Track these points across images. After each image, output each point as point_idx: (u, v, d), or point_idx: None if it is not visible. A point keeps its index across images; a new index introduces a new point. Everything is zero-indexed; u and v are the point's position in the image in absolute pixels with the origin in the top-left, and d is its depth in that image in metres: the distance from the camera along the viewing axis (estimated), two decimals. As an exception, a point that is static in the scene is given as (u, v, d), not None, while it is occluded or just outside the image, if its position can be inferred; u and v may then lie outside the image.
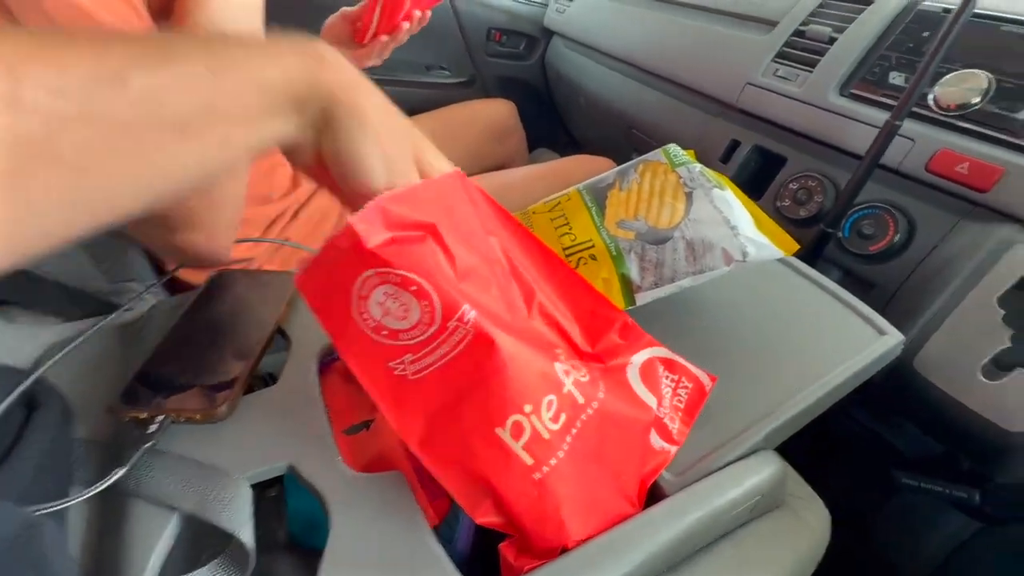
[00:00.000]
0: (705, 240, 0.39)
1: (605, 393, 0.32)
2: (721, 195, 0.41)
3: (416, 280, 0.24)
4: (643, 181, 0.45)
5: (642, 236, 0.41)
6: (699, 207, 0.41)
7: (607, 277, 0.41)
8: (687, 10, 0.86)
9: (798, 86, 0.66)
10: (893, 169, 0.57)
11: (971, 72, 0.53)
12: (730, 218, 0.40)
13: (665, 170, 0.45)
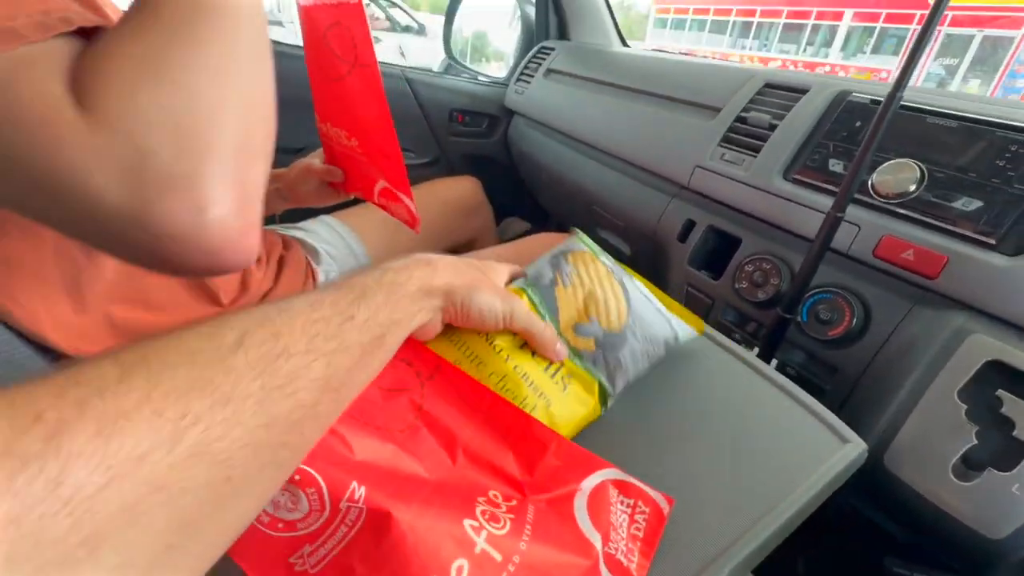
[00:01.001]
0: (649, 335, 0.40)
1: (530, 542, 0.30)
2: (639, 285, 0.42)
3: (302, 468, 0.24)
4: (580, 273, 0.43)
5: (600, 343, 0.40)
6: (635, 300, 0.41)
7: (589, 395, 0.40)
8: (636, 95, 0.89)
9: (744, 170, 0.68)
10: (843, 253, 0.58)
11: (904, 162, 0.54)
12: (659, 307, 0.41)
13: (591, 259, 0.43)
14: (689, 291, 0.74)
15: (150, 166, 0.23)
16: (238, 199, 0.25)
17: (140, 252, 0.24)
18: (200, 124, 0.24)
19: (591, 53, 1.07)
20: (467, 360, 0.37)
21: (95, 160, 0.22)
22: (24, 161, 0.22)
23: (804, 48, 15.16)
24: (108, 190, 0.22)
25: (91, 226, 0.23)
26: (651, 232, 0.81)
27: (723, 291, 0.69)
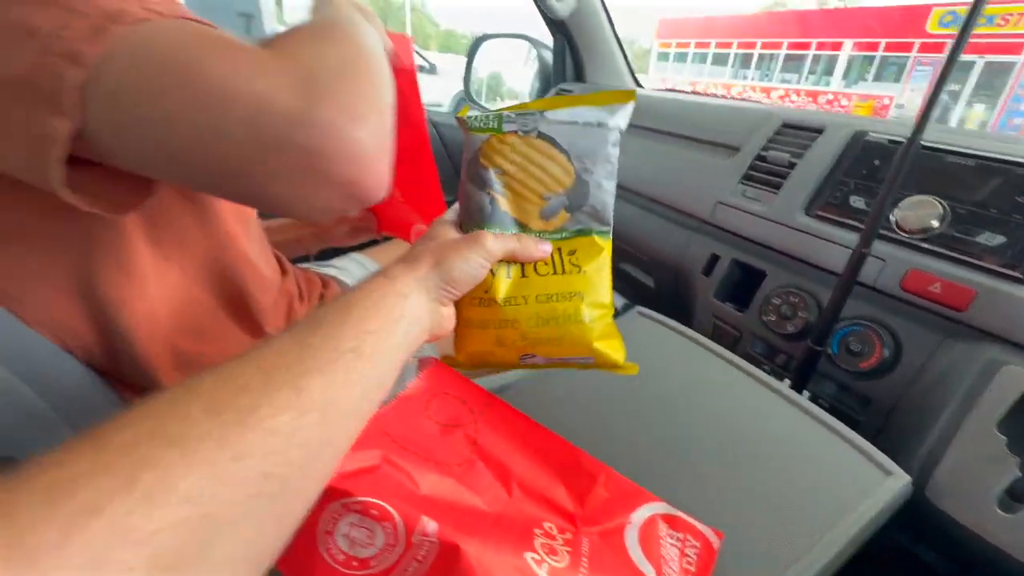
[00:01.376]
0: (595, 153, 0.36)
1: (588, 575, 0.31)
2: (552, 115, 0.35)
3: (376, 503, 0.26)
4: (504, 167, 0.36)
5: (569, 207, 0.37)
6: (561, 138, 0.35)
7: (599, 250, 0.37)
8: (655, 134, 0.93)
9: (766, 206, 0.70)
10: (870, 286, 0.59)
11: (926, 198, 0.56)
12: (583, 118, 0.35)
13: (499, 142, 0.36)
14: (716, 323, 0.76)
15: (317, 80, 0.27)
16: (379, 125, 0.29)
17: (290, 161, 0.26)
18: (353, 68, 0.30)
19: (609, 95, 1.12)
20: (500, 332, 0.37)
21: (272, 73, 0.26)
22: (204, 72, 0.26)
23: (806, 77, 15.43)
24: (279, 94, 0.26)
25: (249, 132, 0.26)
26: (675, 266, 0.84)
27: (750, 323, 0.70)
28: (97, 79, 0.24)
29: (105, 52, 0.24)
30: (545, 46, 1.37)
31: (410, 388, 0.36)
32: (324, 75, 0.28)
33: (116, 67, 0.25)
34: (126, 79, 0.25)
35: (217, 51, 0.26)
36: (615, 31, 1.24)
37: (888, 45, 13.44)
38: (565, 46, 1.25)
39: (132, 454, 0.17)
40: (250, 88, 0.26)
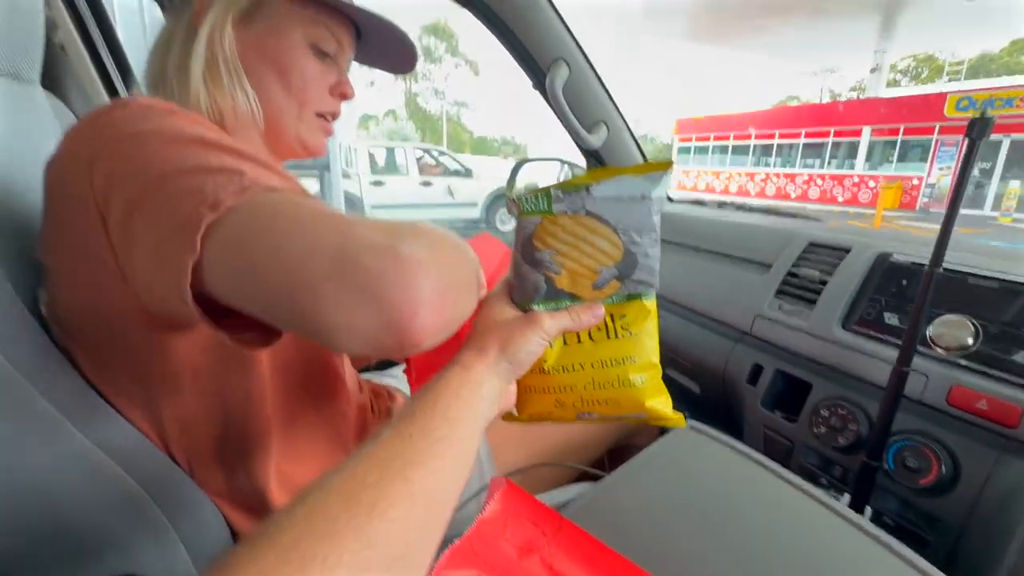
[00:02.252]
0: (640, 226, 0.38)
1: None
2: (596, 190, 0.38)
3: None
4: (557, 248, 0.39)
5: (619, 276, 0.39)
6: (611, 216, 0.38)
7: (646, 315, 0.40)
8: (692, 251, 1.01)
9: (804, 320, 0.75)
10: (917, 401, 0.61)
11: (957, 318, 0.60)
12: (625, 192, 0.37)
13: (551, 223, 0.39)
14: (767, 434, 0.77)
15: (402, 234, 0.29)
16: (446, 287, 0.30)
17: (353, 281, 0.28)
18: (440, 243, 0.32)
19: (642, 212, 1.23)
20: (559, 396, 0.40)
21: (365, 224, 0.29)
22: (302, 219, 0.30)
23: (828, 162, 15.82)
24: (370, 234, 0.29)
25: (333, 253, 0.28)
26: (720, 374, 0.87)
27: (802, 435, 0.72)
28: (223, 223, 0.29)
29: (237, 206, 0.30)
30: (579, 166, 1.53)
31: (487, 512, 0.41)
32: (410, 235, 0.30)
33: (239, 217, 0.30)
34: (242, 225, 0.30)
35: (318, 211, 0.30)
36: (643, 152, 1.38)
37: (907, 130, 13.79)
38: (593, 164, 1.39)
39: (297, 549, 0.22)
40: (340, 227, 0.29)
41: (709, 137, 18.97)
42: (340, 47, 0.56)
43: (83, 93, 0.82)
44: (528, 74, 1.21)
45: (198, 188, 0.30)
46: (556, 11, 1.11)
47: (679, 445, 0.64)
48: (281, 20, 0.53)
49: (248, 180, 0.31)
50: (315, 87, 0.55)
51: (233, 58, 0.51)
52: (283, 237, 0.29)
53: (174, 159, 0.32)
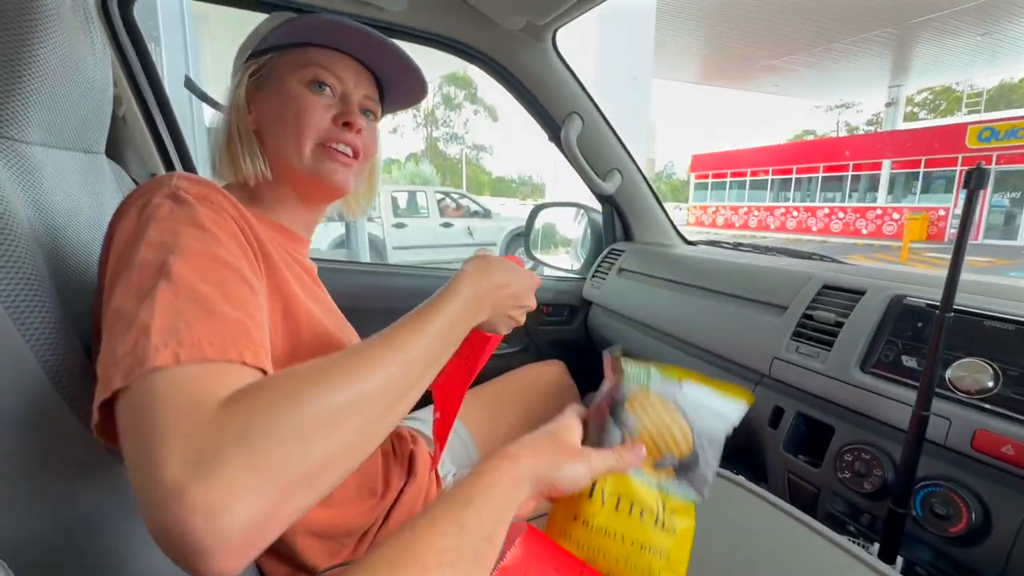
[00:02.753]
0: (714, 440, 0.44)
1: None
2: (688, 389, 0.45)
3: None
4: (641, 418, 0.45)
5: (678, 469, 0.44)
6: (694, 417, 0.44)
7: (688, 518, 0.43)
8: (705, 292, 1.03)
9: (822, 363, 0.75)
10: (941, 445, 0.61)
11: (975, 361, 0.60)
12: (710, 404, 0.45)
13: (644, 396, 0.46)
14: (791, 479, 0.76)
15: (220, 453, 0.28)
16: (264, 511, 0.28)
17: (151, 526, 0.27)
18: (299, 433, 0.30)
19: (658, 254, 1.26)
20: (590, 554, 0.42)
21: (185, 437, 0.28)
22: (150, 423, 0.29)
23: (849, 195, 15.70)
24: (168, 465, 0.27)
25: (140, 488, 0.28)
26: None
27: (827, 480, 0.71)
28: (121, 393, 0.31)
29: (126, 386, 0.31)
30: (595, 210, 1.58)
31: (508, 559, 0.42)
32: (234, 454, 0.28)
33: (124, 400, 0.31)
34: (122, 408, 0.31)
35: (173, 408, 0.29)
36: (656, 195, 1.42)
37: (929, 162, 13.67)
38: (613, 212, 1.44)
39: None
40: (153, 448, 0.28)
41: (726, 173, 19.07)
42: (339, 79, 0.58)
43: (140, 160, 0.90)
44: (543, 128, 1.27)
45: (127, 345, 0.32)
46: (568, 67, 1.19)
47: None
48: (280, 76, 0.58)
49: (145, 351, 0.31)
50: (309, 116, 0.56)
51: (245, 125, 0.58)
52: (133, 439, 0.29)
53: (131, 294, 0.35)
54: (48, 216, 0.47)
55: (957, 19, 10.07)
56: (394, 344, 0.40)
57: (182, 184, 0.45)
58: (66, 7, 0.48)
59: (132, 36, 0.95)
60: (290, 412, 0.31)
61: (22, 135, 0.46)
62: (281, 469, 0.29)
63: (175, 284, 0.35)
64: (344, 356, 0.36)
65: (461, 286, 0.49)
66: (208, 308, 0.35)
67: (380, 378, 0.37)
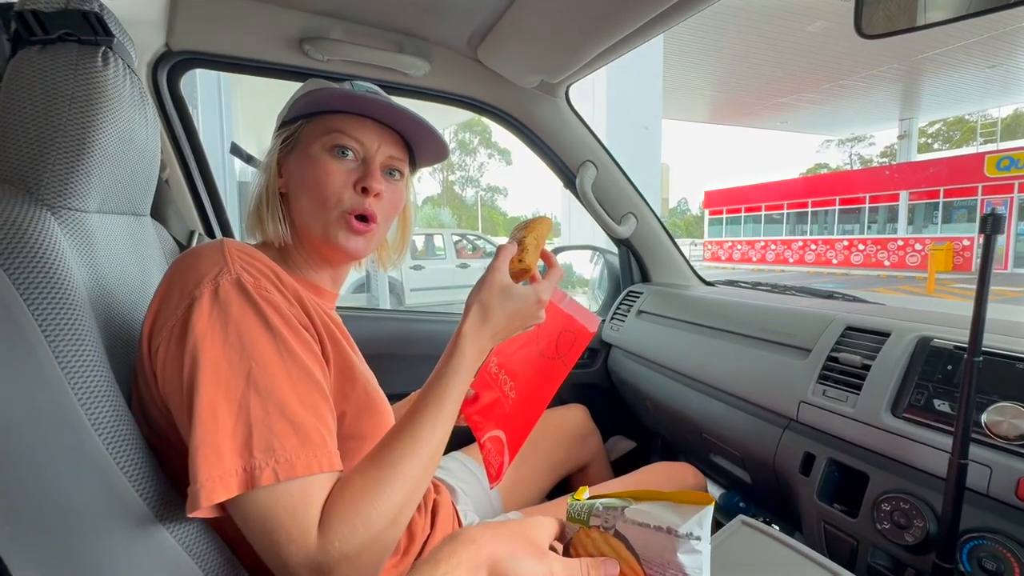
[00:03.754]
0: (666, 560, 0.38)
1: None
2: (635, 509, 0.41)
3: None
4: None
5: None
6: (638, 544, 0.40)
7: None
8: (727, 334, 1.02)
9: (851, 407, 0.74)
10: (984, 494, 0.58)
11: (1010, 405, 0.59)
12: (658, 522, 0.39)
13: (585, 535, 0.43)
14: (827, 529, 0.74)
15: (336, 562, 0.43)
16: (371, 564, 0.46)
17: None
18: (388, 523, 0.45)
19: (677, 297, 1.27)
20: None
21: (303, 554, 0.42)
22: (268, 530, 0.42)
23: (868, 226, 15.53)
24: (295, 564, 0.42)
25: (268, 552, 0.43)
26: (770, 463, 0.85)
27: (865, 531, 0.68)
28: (239, 501, 0.42)
29: (240, 496, 0.42)
30: (610, 252, 1.60)
31: None
32: (344, 562, 0.43)
33: (241, 503, 0.42)
34: (239, 511, 0.43)
35: (279, 525, 0.42)
36: (671, 237, 1.44)
37: (948, 192, 13.54)
38: (629, 254, 1.45)
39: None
40: (277, 551, 0.42)
41: (740, 208, 19.09)
42: (360, 143, 0.60)
43: (180, 220, 0.96)
44: (559, 176, 1.32)
45: (234, 459, 0.42)
46: (580, 118, 1.24)
47: (732, 543, 0.63)
48: (306, 142, 0.60)
49: (252, 470, 0.42)
50: (331, 182, 0.58)
51: (273, 188, 0.61)
52: (251, 534, 0.43)
53: (221, 395, 0.43)
54: (100, 279, 0.50)
55: (963, 53, 10.19)
56: (422, 430, 0.50)
57: (237, 265, 0.48)
58: (126, 89, 0.53)
59: (177, 105, 1.03)
60: (392, 489, 0.46)
61: (82, 205, 0.50)
62: (385, 534, 0.45)
63: (263, 397, 0.44)
64: (389, 458, 0.48)
65: (465, 350, 0.55)
66: (293, 421, 0.44)
67: (420, 462, 0.49)
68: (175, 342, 0.44)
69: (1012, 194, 12.28)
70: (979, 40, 9.42)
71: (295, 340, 0.48)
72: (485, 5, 0.89)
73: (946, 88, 13.08)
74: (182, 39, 0.92)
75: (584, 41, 0.90)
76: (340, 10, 0.93)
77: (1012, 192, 12.29)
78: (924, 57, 10.46)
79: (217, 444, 0.41)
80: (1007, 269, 12.47)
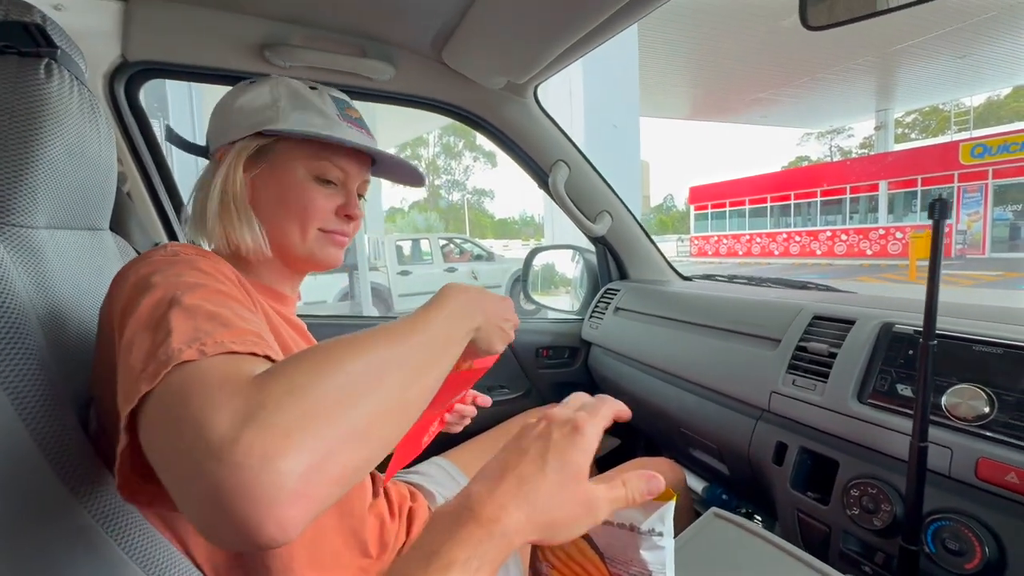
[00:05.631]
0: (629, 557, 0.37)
1: None
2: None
3: None
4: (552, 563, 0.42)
5: None
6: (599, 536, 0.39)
7: None
8: (701, 328, 1.03)
9: (819, 395, 0.74)
10: (946, 475, 0.59)
11: (968, 387, 0.60)
12: (620, 520, 0.38)
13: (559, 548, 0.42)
14: (801, 517, 0.74)
15: (266, 410, 0.28)
16: (313, 467, 0.28)
17: (199, 489, 0.27)
18: (333, 400, 0.31)
19: (653, 292, 1.27)
20: None
21: (228, 399, 0.29)
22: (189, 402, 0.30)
23: (850, 217, 15.78)
24: (217, 421, 0.28)
25: (185, 454, 0.28)
26: (744, 454, 0.85)
27: (836, 517, 0.69)
28: (148, 402, 0.32)
29: (154, 388, 0.31)
30: (589, 251, 1.60)
31: None
32: (282, 405, 0.29)
33: (156, 394, 0.31)
34: (152, 407, 0.32)
35: (207, 385, 0.30)
36: (648, 235, 1.45)
37: (925, 180, 13.81)
38: (606, 252, 1.46)
39: None
40: (198, 414, 0.29)
41: (724, 203, 19.28)
42: (346, 174, 0.62)
43: (144, 232, 0.94)
44: (532, 176, 1.32)
45: (146, 357, 0.33)
46: (550, 118, 1.24)
47: (704, 536, 0.63)
48: (285, 159, 0.60)
49: (168, 354, 0.32)
50: (316, 210, 0.60)
51: (242, 198, 0.59)
52: (172, 429, 0.30)
53: (142, 325, 0.36)
54: (49, 294, 0.49)
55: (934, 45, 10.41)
56: (408, 329, 0.40)
57: (179, 247, 0.47)
58: (74, 101, 0.52)
59: (136, 115, 1.02)
60: (335, 370, 0.32)
61: (28, 221, 0.49)
62: (330, 419, 0.30)
63: (187, 309, 0.36)
64: (369, 331, 0.38)
65: (448, 292, 0.47)
66: (224, 322, 0.36)
67: (404, 350, 0.38)
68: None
69: (987, 180, 12.56)
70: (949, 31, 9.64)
71: (231, 286, 0.45)
72: (446, 6, 0.88)
73: (919, 79, 13.36)
74: (138, 50, 0.91)
75: (546, 40, 0.90)
76: (300, 15, 0.93)
77: (986, 179, 12.56)
78: (897, 49, 10.67)
79: (130, 362, 0.34)
80: (984, 254, 12.74)
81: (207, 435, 0.28)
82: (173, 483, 0.30)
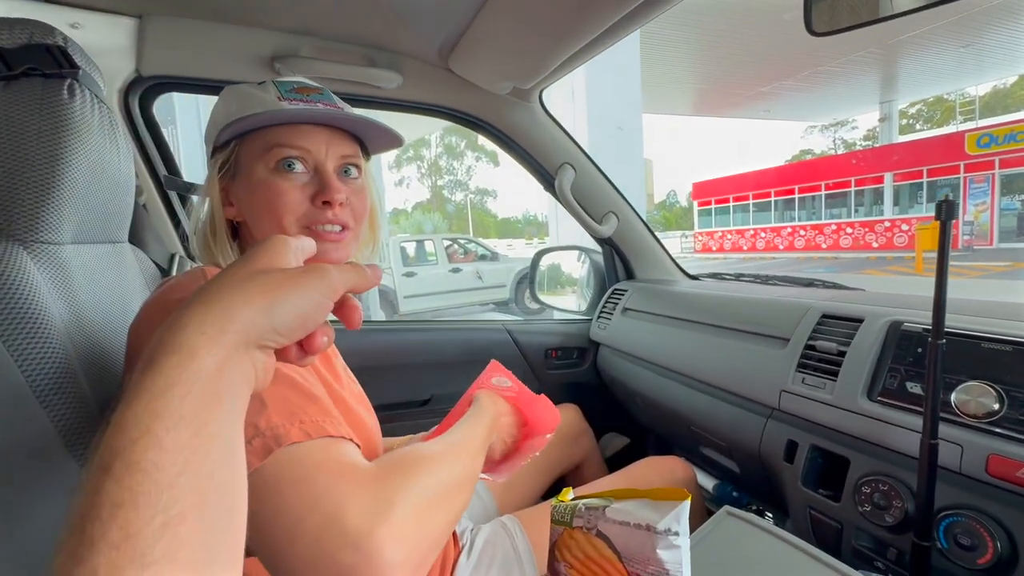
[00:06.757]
0: (646, 556, 0.39)
1: None
2: (615, 508, 0.42)
3: None
4: (568, 560, 0.44)
5: None
6: (616, 537, 0.41)
7: None
8: (709, 328, 1.04)
9: (829, 393, 0.75)
10: (957, 472, 0.60)
11: (977, 384, 0.61)
12: (637, 519, 0.40)
13: (569, 536, 0.45)
14: (813, 515, 0.75)
15: (391, 508, 0.37)
16: (419, 552, 0.38)
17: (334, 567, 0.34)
18: (433, 501, 0.41)
19: (661, 292, 1.28)
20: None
21: (354, 494, 0.36)
22: (309, 482, 0.36)
23: (855, 210, 15.67)
24: (350, 514, 0.35)
25: (317, 538, 0.34)
26: (755, 452, 0.86)
27: (848, 514, 0.70)
28: (258, 472, 0.36)
29: (265, 464, 0.36)
30: (595, 252, 1.61)
31: None
32: (402, 505, 0.37)
33: (267, 469, 0.36)
34: (258, 483, 0.36)
35: (326, 471, 0.37)
36: (654, 234, 1.45)
37: (931, 171, 13.70)
38: (613, 253, 1.47)
39: None
40: (327, 503, 0.35)
41: (728, 198, 19.19)
42: (307, 151, 0.55)
43: (160, 243, 0.96)
44: (538, 179, 1.33)
45: (249, 431, 0.37)
46: (556, 121, 1.25)
47: (719, 534, 0.64)
48: (246, 163, 0.57)
49: (277, 433, 0.38)
50: (286, 202, 0.54)
51: (220, 221, 0.58)
52: (293, 506, 0.35)
53: None
54: (75, 307, 0.51)
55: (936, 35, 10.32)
56: (463, 442, 0.54)
57: (205, 272, 0.49)
58: (95, 119, 0.54)
59: (152, 130, 1.04)
60: (430, 481, 0.42)
61: (55, 238, 0.51)
62: (429, 520, 0.40)
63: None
64: (438, 448, 0.48)
65: (486, 407, 0.66)
66: (306, 394, 0.42)
67: (465, 463, 0.50)
68: None
69: (993, 170, 12.44)
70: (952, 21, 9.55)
71: None
72: (453, 15, 0.90)
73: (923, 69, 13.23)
74: (152, 64, 0.93)
75: (552, 46, 0.91)
76: (309, 27, 0.94)
77: (993, 168, 12.45)
78: (899, 40, 10.58)
79: None
80: (992, 245, 12.63)
81: (343, 525, 0.34)
82: (285, 554, 0.35)
